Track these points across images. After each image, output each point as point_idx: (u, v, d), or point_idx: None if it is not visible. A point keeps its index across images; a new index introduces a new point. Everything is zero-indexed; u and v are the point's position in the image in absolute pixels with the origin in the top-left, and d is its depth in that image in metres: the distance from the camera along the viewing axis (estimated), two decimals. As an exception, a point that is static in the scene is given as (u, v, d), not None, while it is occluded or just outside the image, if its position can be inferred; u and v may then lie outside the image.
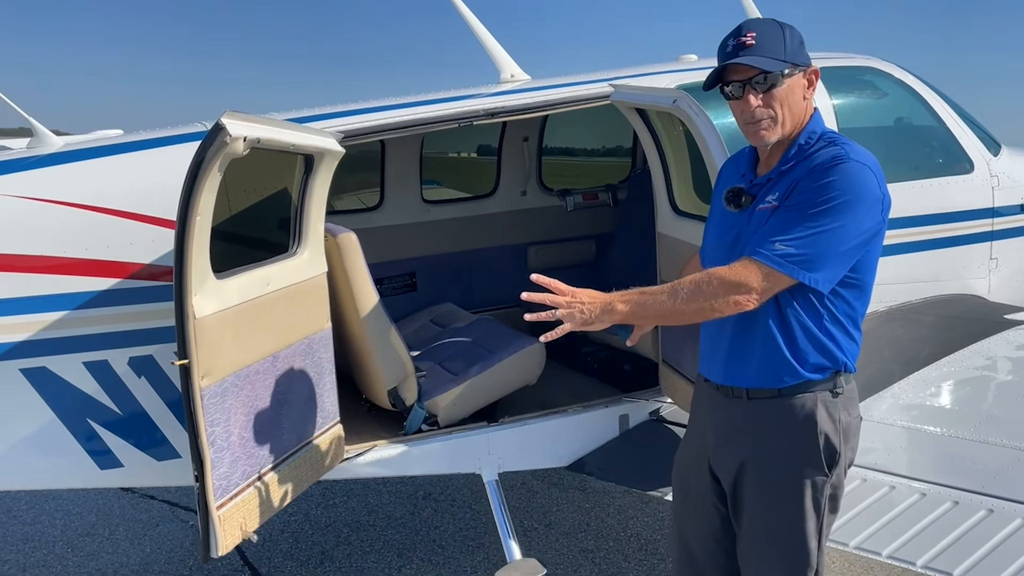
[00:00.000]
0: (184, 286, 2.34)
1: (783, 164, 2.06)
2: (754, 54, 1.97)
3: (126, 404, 2.90)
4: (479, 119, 3.42)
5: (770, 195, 2.05)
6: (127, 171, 3.01)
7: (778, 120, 2.02)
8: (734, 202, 2.12)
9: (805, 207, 1.93)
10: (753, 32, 2.00)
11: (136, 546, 4.39)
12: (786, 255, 1.91)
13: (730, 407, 2.16)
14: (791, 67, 2.00)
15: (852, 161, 1.94)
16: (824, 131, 2.08)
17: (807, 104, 2.08)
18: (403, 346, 3.35)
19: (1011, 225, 4.50)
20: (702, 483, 2.27)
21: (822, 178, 1.93)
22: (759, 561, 2.18)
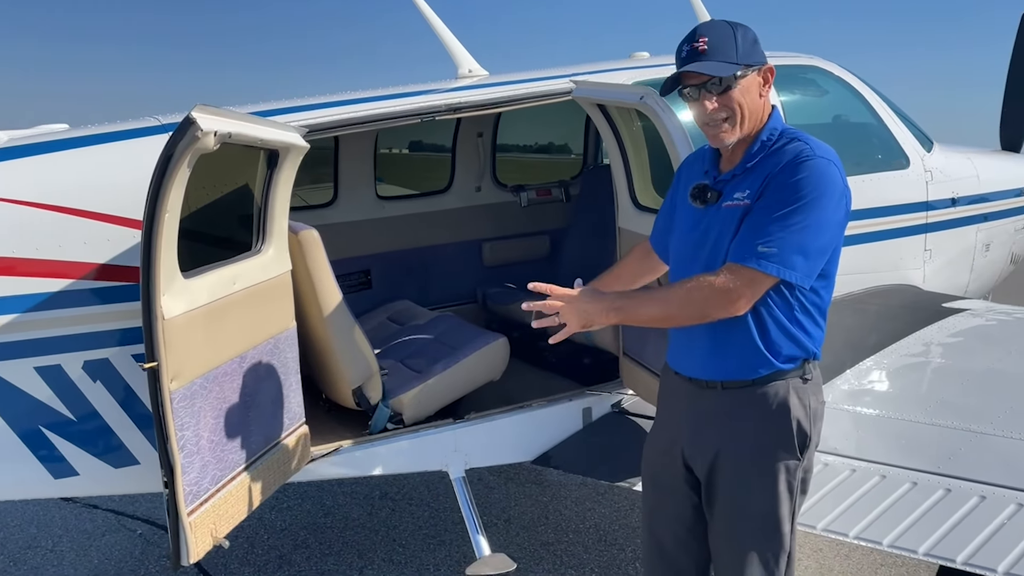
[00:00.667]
0: (152, 286, 2.26)
1: (748, 160, 2.12)
2: (707, 59, 2.03)
3: (81, 410, 2.78)
4: (442, 114, 3.41)
5: (738, 192, 2.10)
6: (77, 167, 2.88)
7: (735, 121, 2.08)
8: (700, 198, 2.17)
9: (778, 207, 1.99)
10: (705, 37, 2.05)
11: (82, 558, 4.22)
12: (768, 256, 1.97)
13: (703, 397, 2.21)
14: (744, 68, 2.05)
15: (818, 158, 2.00)
16: (784, 128, 2.14)
17: (764, 102, 2.13)
18: (367, 344, 3.31)
19: (943, 218, 4.73)
20: (674, 473, 2.31)
21: (791, 176, 1.99)
22: (734, 546, 2.22)
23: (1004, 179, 5.29)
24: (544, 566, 4.00)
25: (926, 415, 2.92)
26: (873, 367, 3.42)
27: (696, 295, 2.01)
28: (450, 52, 4.02)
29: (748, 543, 2.20)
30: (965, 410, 2.91)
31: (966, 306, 4.02)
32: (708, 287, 2.00)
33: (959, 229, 4.85)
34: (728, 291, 1.99)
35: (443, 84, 3.76)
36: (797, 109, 4.28)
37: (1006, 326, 3.92)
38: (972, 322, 3.82)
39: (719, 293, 1.99)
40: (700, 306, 2.02)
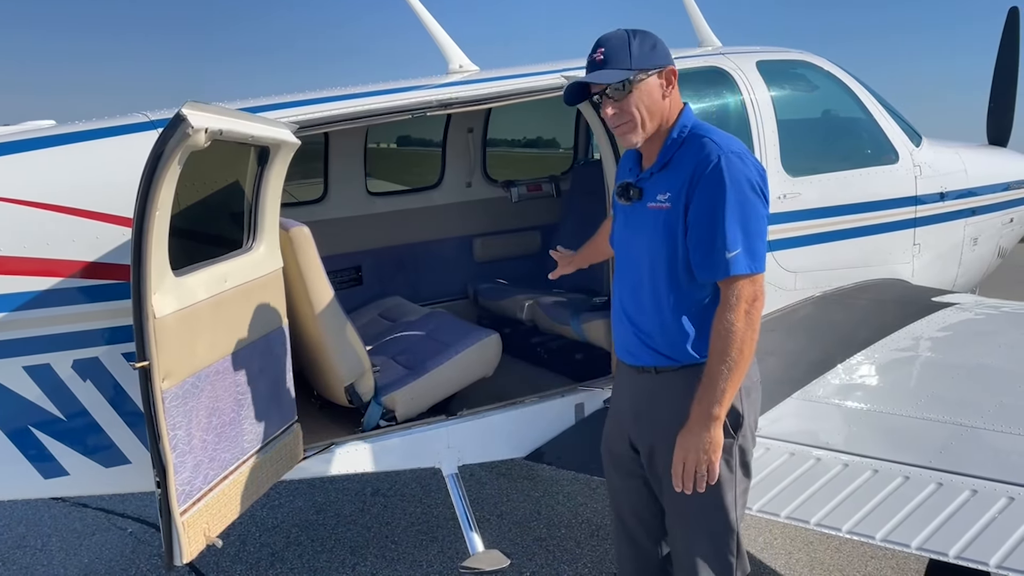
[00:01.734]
0: (143, 284, 2.24)
1: (662, 157, 2.23)
2: (602, 68, 2.15)
3: (71, 409, 2.76)
4: (432, 110, 3.39)
5: (659, 193, 2.21)
6: (65, 164, 2.84)
7: (636, 122, 2.18)
8: (624, 195, 2.30)
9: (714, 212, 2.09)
10: (603, 48, 2.17)
11: (72, 557, 4.19)
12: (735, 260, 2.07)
13: (641, 383, 2.33)
14: (637, 73, 2.14)
15: (727, 154, 2.11)
16: (694, 123, 2.24)
17: (670, 101, 2.22)
18: (359, 341, 3.30)
19: (932, 212, 4.75)
20: (627, 458, 2.43)
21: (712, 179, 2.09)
22: (683, 529, 2.32)
23: (992, 174, 5.33)
24: (537, 561, 4.00)
25: (917, 409, 2.94)
26: (863, 362, 3.44)
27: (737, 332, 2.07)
28: (440, 47, 3.99)
29: (696, 525, 2.29)
30: (955, 404, 2.92)
31: (955, 300, 4.05)
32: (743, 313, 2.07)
33: (947, 223, 4.89)
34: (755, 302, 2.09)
35: (434, 80, 3.74)
36: (786, 104, 4.29)
37: (994, 320, 3.94)
38: (961, 316, 3.85)
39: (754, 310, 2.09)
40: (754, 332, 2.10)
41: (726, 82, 4.05)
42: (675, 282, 2.20)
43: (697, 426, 2.10)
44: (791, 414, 3.13)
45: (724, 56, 4.20)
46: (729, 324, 2.07)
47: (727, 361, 2.07)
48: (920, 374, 3.38)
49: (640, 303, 2.28)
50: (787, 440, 2.95)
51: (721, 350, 2.08)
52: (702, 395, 2.10)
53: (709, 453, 2.10)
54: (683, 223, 2.15)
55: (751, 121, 4.00)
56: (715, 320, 2.11)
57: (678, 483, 2.14)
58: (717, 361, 2.08)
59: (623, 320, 2.36)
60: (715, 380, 2.08)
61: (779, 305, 4.06)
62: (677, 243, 2.17)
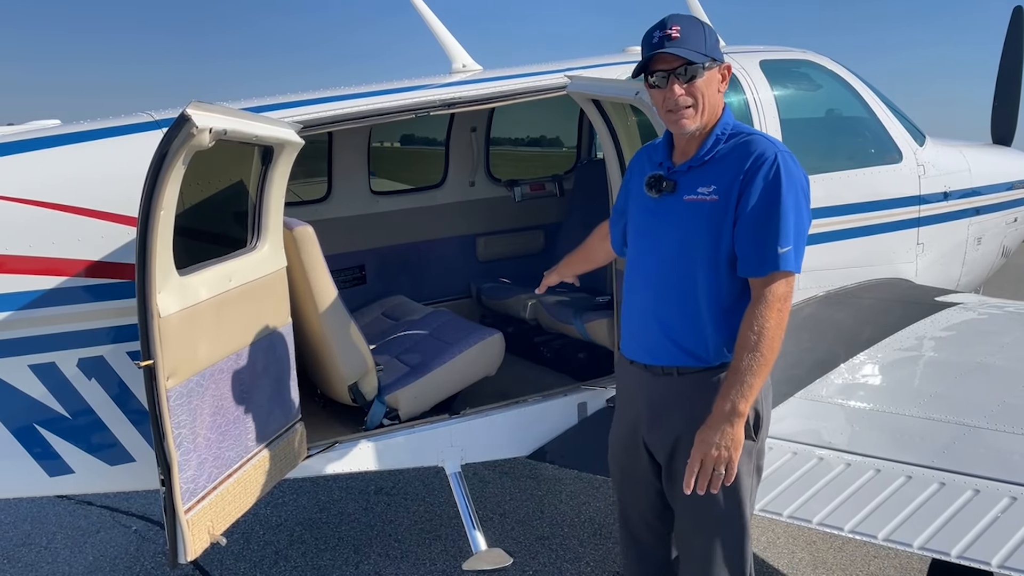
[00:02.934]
0: (147, 284, 2.25)
1: (705, 153, 2.19)
2: (679, 46, 2.08)
3: (76, 407, 2.78)
4: (436, 110, 3.40)
5: (701, 186, 2.16)
6: (70, 164, 2.86)
7: (698, 109, 2.14)
8: (655, 187, 2.23)
9: (768, 208, 2.07)
10: (678, 26, 2.11)
11: (77, 555, 4.21)
12: (787, 255, 2.05)
13: (660, 384, 2.26)
14: (711, 61, 2.13)
15: (783, 153, 2.11)
16: (735, 123, 2.24)
17: (720, 98, 2.21)
18: (363, 340, 3.31)
19: (936, 212, 4.75)
20: (638, 460, 2.38)
21: (767, 176, 2.07)
22: (698, 531, 2.27)
23: (996, 173, 5.32)
24: (540, 560, 4.01)
25: (920, 409, 2.94)
26: (866, 361, 3.44)
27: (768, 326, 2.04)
28: (444, 47, 4.00)
29: (712, 528, 2.25)
30: (958, 404, 2.92)
31: (959, 300, 4.04)
32: (776, 311, 2.05)
33: (951, 223, 4.88)
34: (785, 303, 2.07)
35: (437, 79, 3.75)
36: (790, 103, 4.29)
37: (997, 320, 3.94)
38: (964, 316, 3.84)
39: (785, 310, 2.07)
40: (782, 331, 2.07)
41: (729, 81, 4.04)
42: (715, 277, 2.15)
43: (720, 422, 2.05)
44: (794, 413, 3.13)
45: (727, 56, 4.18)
46: (763, 319, 2.03)
47: (756, 357, 2.03)
48: (923, 374, 3.38)
49: (668, 299, 2.21)
50: (790, 439, 2.95)
51: (752, 345, 2.03)
52: (727, 390, 2.05)
53: (731, 450, 2.05)
54: (731, 217, 2.11)
55: (754, 120, 4.00)
56: (747, 314, 2.07)
57: (690, 483, 2.07)
58: (746, 356, 2.03)
59: (643, 318, 2.28)
60: (743, 375, 2.03)
61: (782, 304, 4.06)
62: (721, 236, 2.12)
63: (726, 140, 2.18)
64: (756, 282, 2.09)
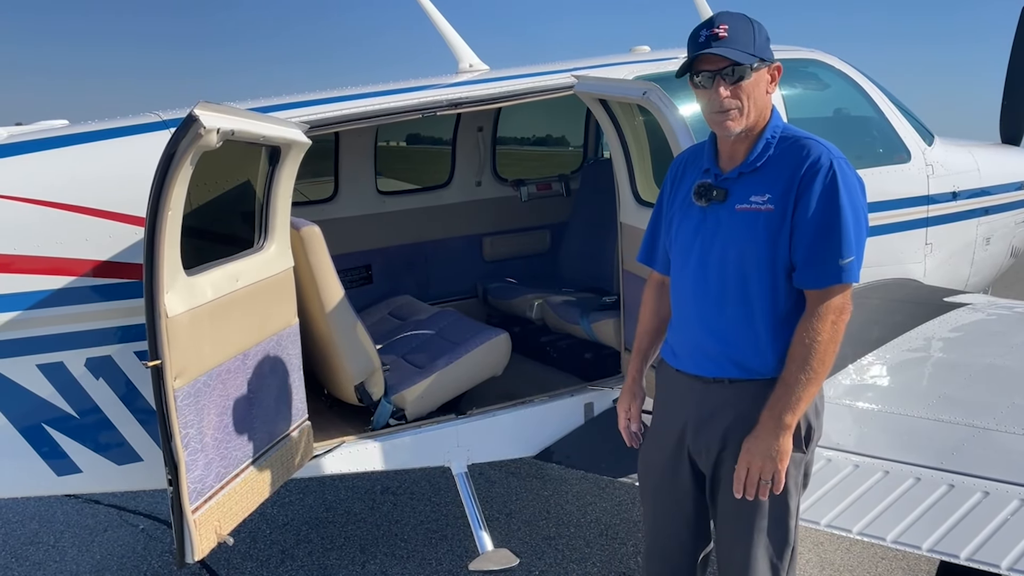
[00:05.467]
0: (155, 284, 2.26)
1: (756, 159, 2.11)
2: (726, 46, 2.01)
3: (84, 407, 2.79)
4: (443, 109, 3.40)
5: (754, 195, 2.09)
6: (78, 164, 2.87)
7: (744, 111, 2.06)
8: (705, 196, 2.15)
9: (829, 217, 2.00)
10: (726, 24, 2.03)
11: (85, 553, 4.22)
12: (849, 266, 2.01)
13: (712, 393, 2.19)
14: (759, 61, 2.05)
15: (837, 159, 2.04)
16: (785, 126, 2.15)
17: (769, 99, 2.13)
18: (369, 340, 3.31)
19: (944, 212, 4.72)
20: (678, 469, 2.30)
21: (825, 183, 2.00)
22: (743, 540, 2.20)
23: (1005, 172, 5.29)
24: (546, 560, 4.00)
25: (928, 410, 2.92)
26: (875, 362, 3.42)
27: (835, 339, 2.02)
28: (451, 47, 4.00)
29: (756, 537, 2.18)
30: (967, 405, 2.91)
31: (967, 300, 4.02)
32: (831, 324, 2.01)
33: (960, 223, 4.85)
34: (843, 314, 2.04)
35: (444, 79, 3.75)
36: (798, 103, 4.28)
37: (1007, 321, 3.92)
38: (973, 317, 3.82)
39: (840, 322, 2.03)
40: (836, 344, 2.04)
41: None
42: (771, 288, 2.09)
43: (767, 433, 2.02)
44: (801, 414, 3.12)
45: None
46: (816, 333, 2.00)
47: (807, 370, 1.99)
48: (932, 375, 3.36)
49: (721, 311, 2.14)
50: (797, 441, 2.94)
51: (803, 357, 2.00)
52: (775, 402, 2.02)
53: (777, 461, 2.02)
54: (787, 226, 2.04)
55: (762, 120, 3.98)
56: (801, 326, 2.03)
57: (739, 489, 2.05)
58: (797, 369, 2.00)
59: (692, 329, 2.21)
60: (792, 388, 2.00)
61: (790, 305, 4.04)
62: (778, 247, 2.06)
63: (777, 144, 2.10)
64: (813, 294, 2.04)
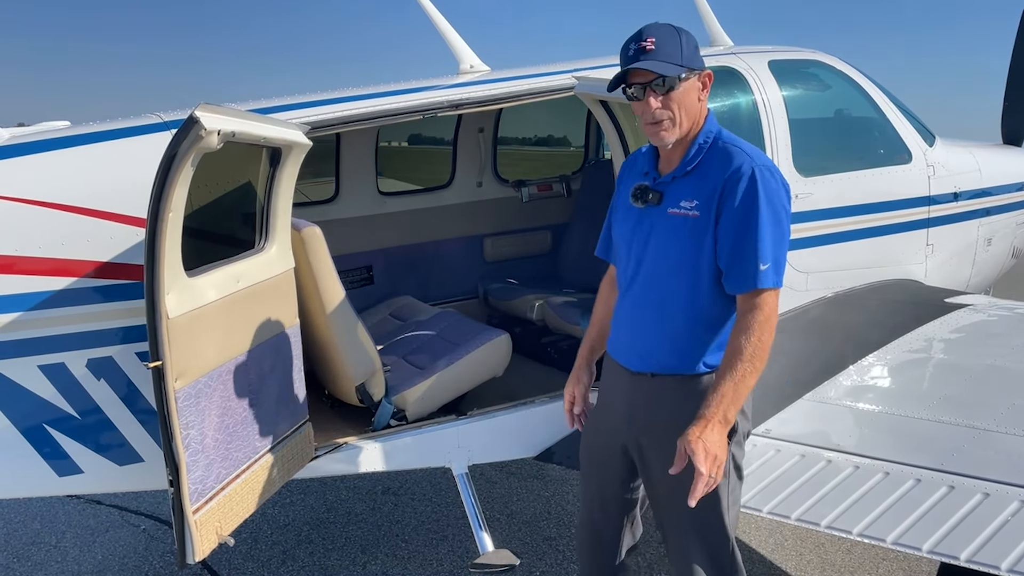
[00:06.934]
0: (156, 285, 2.26)
1: (687, 164, 2.21)
2: (654, 59, 2.09)
3: (85, 408, 2.78)
4: (444, 110, 3.40)
5: (684, 200, 2.19)
6: (80, 165, 2.87)
7: (676, 121, 2.15)
8: (641, 199, 2.26)
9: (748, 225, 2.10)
10: (653, 38, 2.12)
11: (86, 554, 4.23)
12: (768, 272, 2.10)
13: (638, 384, 2.31)
14: (687, 71, 2.13)
15: (760, 167, 2.12)
16: (719, 131, 2.24)
17: (702, 105, 2.22)
18: (370, 341, 3.32)
19: (945, 212, 4.72)
20: (613, 456, 2.43)
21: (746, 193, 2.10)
22: (680, 534, 2.33)
23: (1006, 173, 5.29)
24: (547, 561, 4.01)
25: (929, 411, 2.92)
26: (875, 363, 3.42)
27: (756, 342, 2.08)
28: (452, 48, 4.00)
29: (691, 532, 2.30)
30: (968, 406, 2.91)
31: (968, 301, 4.02)
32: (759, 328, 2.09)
33: (961, 224, 4.85)
34: (771, 317, 2.11)
35: (445, 80, 3.75)
36: (798, 103, 4.27)
37: (1008, 322, 3.92)
38: (974, 318, 3.82)
39: (766, 322, 2.10)
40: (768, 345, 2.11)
41: (737, 82, 4.04)
42: (694, 290, 2.19)
43: (704, 428, 2.07)
44: (802, 416, 3.12)
45: (736, 56, 4.18)
46: (748, 335, 2.08)
47: (742, 369, 2.07)
48: (932, 376, 3.36)
49: (646, 309, 2.27)
50: (798, 442, 2.95)
51: (739, 357, 2.07)
52: (712, 400, 2.08)
53: (716, 455, 2.07)
54: (712, 232, 2.14)
55: (763, 121, 3.99)
56: (735, 328, 2.12)
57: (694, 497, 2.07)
58: (731, 369, 2.08)
59: (625, 323, 2.35)
60: (727, 387, 2.07)
61: (790, 306, 4.04)
62: (703, 252, 2.15)
63: (709, 148, 2.20)
64: (739, 298, 2.14)
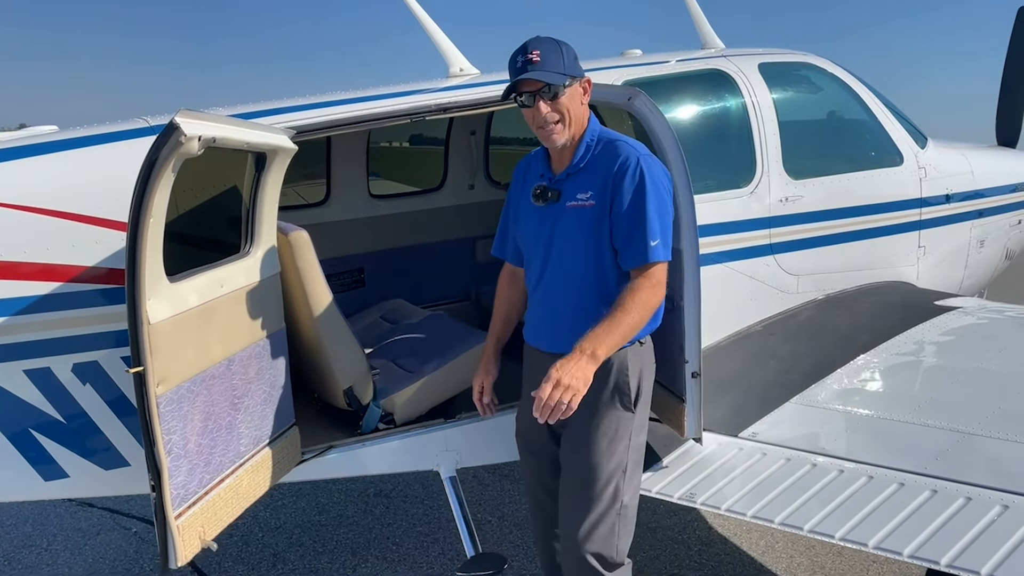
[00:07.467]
0: (137, 291, 2.26)
1: (580, 161, 2.45)
2: (540, 69, 2.33)
3: (70, 412, 2.79)
4: (432, 114, 3.39)
5: (580, 192, 2.42)
6: (66, 169, 2.88)
7: (565, 123, 2.40)
8: (542, 197, 2.49)
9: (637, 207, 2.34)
10: (537, 50, 2.35)
11: (77, 556, 4.24)
12: (658, 247, 2.34)
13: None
14: (570, 79, 2.38)
15: (644, 156, 2.39)
16: (602, 130, 2.51)
17: (585, 109, 2.47)
18: (358, 345, 3.32)
19: (937, 215, 4.72)
20: (541, 437, 2.66)
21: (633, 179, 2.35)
22: (571, 492, 2.50)
23: (999, 175, 5.28)
24: (537, 564, 3.97)
25: (915, 415, 2.92)
26: (863, 366, 3.42)
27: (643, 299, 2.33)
28: (441, 51, 4.00)
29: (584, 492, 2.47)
30: (953, 410, 2.91)
31: (958, 304, 4.02)
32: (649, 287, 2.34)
33: (953, 225, 4.85)
34: (659, 286, 2.37)
35: (434, 83, 3.75)
36: (789, 106, 4.27)
37: (997, 325, 3.91)
38: (964, 320, 3.82)
39: (654, 288, 2.36)
40: (652, 306, 2.37)
41: (727, 84, 4.04)
42: (600, 272, 2.42)
43: (576, 359, 2.24)
44: (789, 419, 3.12)
45: (726, 58, 4.18)
46: (635, 292, 2.32)
47: (623, 317, 2.30)
48: (919, 379, 3.36)
49: (561, 295, 2.48)
50: (784, 445, 2.94)
51: (622, 308, 2.30)
52: (591, 335, 2.28)
53: (578, 385, 2.23)
54: (607, 218, 2.37)
55: (752, 123, 3.99)
56: (626, 288, 2.34)
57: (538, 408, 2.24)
58: (614, 314, 2.30)
59: (540, 311, 2.57)
60: (608, 329, 2.28)
61: (781, 308, 4.04)
62: (602, 236, 2.39)
63: (596, 146, 2.45)
64: (634, 272, 2.38)
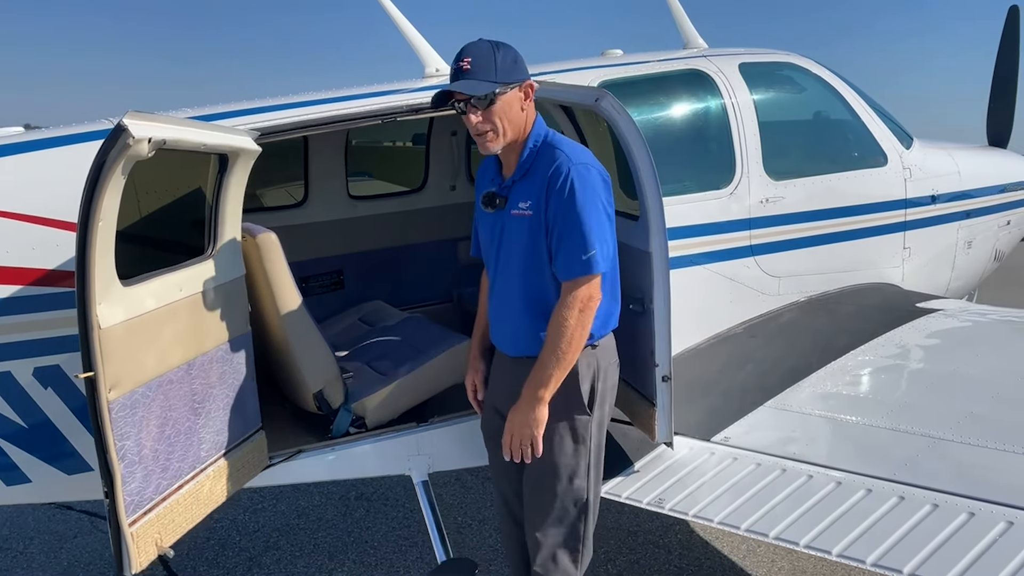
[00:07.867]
0: (87, 295, 2.23)
1: (522, 167, 2.40)
2: (469, 78, 2.27)
3: (32, 417, 2.77)
4: (403, 115, 3.36)
5: (521, 201, 2.38)
6: (29, 171, 2.86)
7: (499, 132, 2.33)
8: (490, 204, 2.46)
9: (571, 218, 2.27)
10: (469, 58, 2.29)
11: (53, 560, 4.21)
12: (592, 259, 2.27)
13: (519, 369, 2.46)
14: (502, 87, 2.28)
15: (577, 165, 2.30)
16: (547, 133, 2.43)
17: (526, 114, 2.39)
18: (327, 348, 3.28)
19: (923, 216, 4.67)
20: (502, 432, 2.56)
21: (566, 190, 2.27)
22: (536, 495, 2.51)
23: (987, 175, 5.23)
24: (514, 568, 3.97)
25: (887, 419, 2.88)
26: (840, 369, 3.37)
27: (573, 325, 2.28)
28: (416, 51, 3.96)
29: (546, 493, 2.47)
30: (926, 415, 2.86)
31: (940, 306, 3.97)
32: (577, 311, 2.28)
33: (940, 226, 4.79)
34: (590, 302, 2.30)
35: (409, 84, 3.71)
36: (770, 106, 4.23)
37: (978, 327, 3.87)
38: (944, 323, 3.77)
39: (588, 309, 2.30)
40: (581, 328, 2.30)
41: (706, 85, 4.00)
42: (539, 281, 2.39)
43: (525, 405, 2.33)
44: (762, 424, 3.08)
45: (706, 59, 4.14)
46: (564, 319, 2.28)
47: (557, 352, 2.28)
48: (894, 383, 3.31)
49: (506, 302, 2.48)
50: (755, 450, 2.91)
51: (554, 341, 2.29)
52: (531, 379, 2.33)
53: (533, 429, 2.33)
54: (543, 228, 2.33)
55: (732, 124, 3.95)
56: (554, 314, 2.31)
57: (507, 452, 2.39)
58: (549, 351, 2.30)
59: (495, 315, 2.56)
60: (545, 367, 2.30)
61: (761, 310, 4.00)
62: (540, 246, 2.35)
63: (538, 151, 2.38)
64: (564, 284, 2.32)
